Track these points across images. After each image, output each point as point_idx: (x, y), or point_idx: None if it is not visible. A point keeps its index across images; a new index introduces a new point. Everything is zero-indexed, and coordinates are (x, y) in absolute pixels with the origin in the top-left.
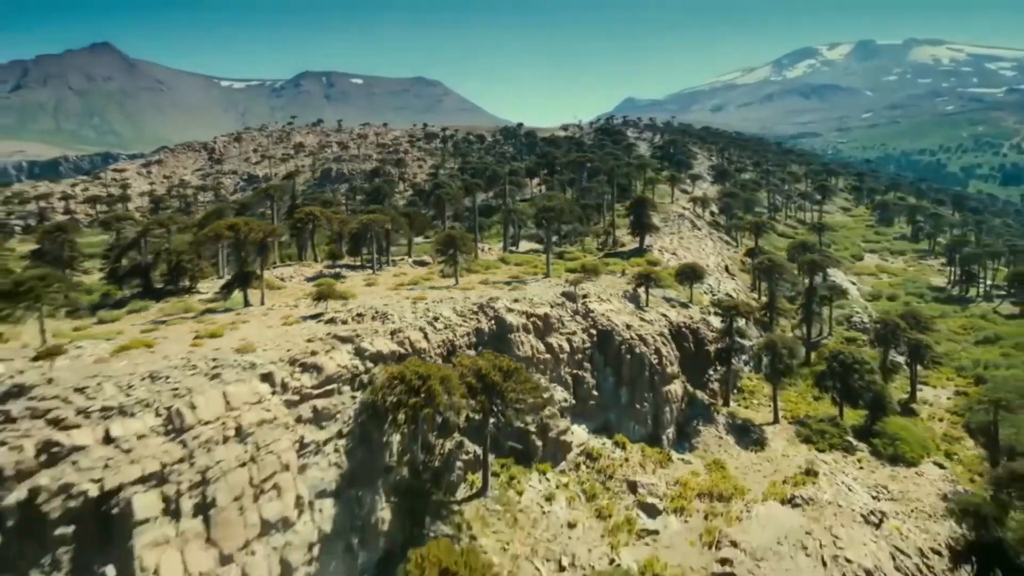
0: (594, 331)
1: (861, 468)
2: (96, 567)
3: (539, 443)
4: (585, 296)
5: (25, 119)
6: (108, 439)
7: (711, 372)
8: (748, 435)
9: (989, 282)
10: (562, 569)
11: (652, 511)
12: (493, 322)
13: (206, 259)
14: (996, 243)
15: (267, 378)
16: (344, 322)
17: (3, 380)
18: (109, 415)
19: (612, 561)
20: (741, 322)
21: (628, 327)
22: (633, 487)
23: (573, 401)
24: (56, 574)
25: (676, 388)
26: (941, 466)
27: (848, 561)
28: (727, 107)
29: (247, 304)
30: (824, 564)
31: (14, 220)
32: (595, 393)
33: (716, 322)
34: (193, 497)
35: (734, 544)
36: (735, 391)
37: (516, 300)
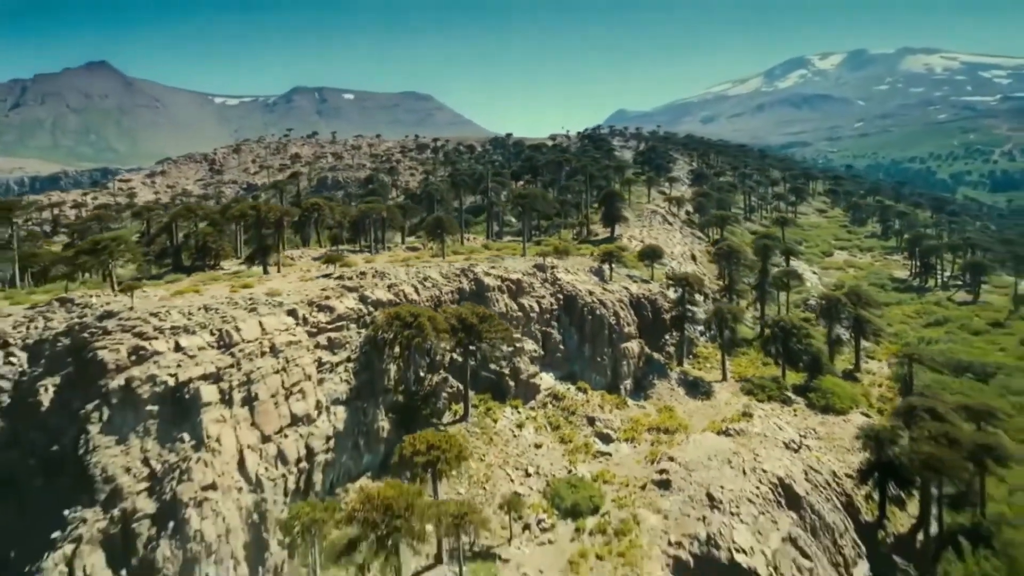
0: (561, 296)
1: (795, 415)
2: (175, 434)
3: (512, 384)
4: (554, 267)
5: (24, 136)
6: (178, 348)
7: (667, 337)
8: (697, 388)
9: (947, 273)
10: (528, 475)
11: (607, 439)
12: (473, 283)
13: (227, 241)
14: (954, 238)
15: (292, 313)
16: (350, 279)
17: (98, 307)
18: (177, 332)
19: (570, 471)
20: (699, 299)
21: (591, 293)
22: (592, 421)
23: (542, 353)
24: (148, 438)
25: (633, 346)
26: (867, 415)
27: (764, 471)
28: (718, 118)
29: (266, 273)
30: (744, 473)
31: (30, 226)
32: (561, 347)
33: (673, 295)
34: (241, 392)
35: (671, 459)
36: (691, 357)
37: (493, 267)
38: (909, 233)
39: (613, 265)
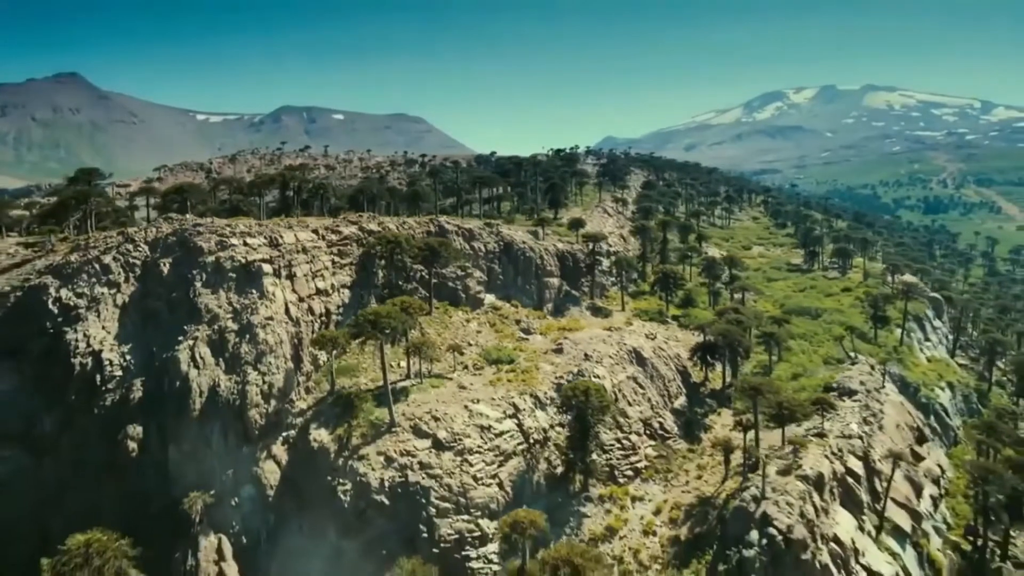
0: (502, 243)
1: (667, 329)
2: (247, 289)
3: (463, 296)
4: (499, 225)
5: None
6: (245, 243)
7: (583, 281)
8: (601, 312)
9: (827, 259)
10: (470, 345)
11: (528, 332)
12: (438, 228)
13: (253, 206)
14: (834, 233)
15: (315, 232)
16: (352, 218)
17: (189, 221)
18: (244, 235)
19: (498, 345)
20: (608, 254)
21: (524, 243)
22: (518, 322)
23: (487, 279)
24: (230, 291)
25: (554, 281)
26: None
27: (625, 344)
28: (699, 146)
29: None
30: (612, 346)
31: None
32: (501, 277)
33: (586, 250)
34: (284, 271)
35: (567, 338)
36: (602, 297)
37: (452, 219)
38: (801, 228)
39: (547, 231)
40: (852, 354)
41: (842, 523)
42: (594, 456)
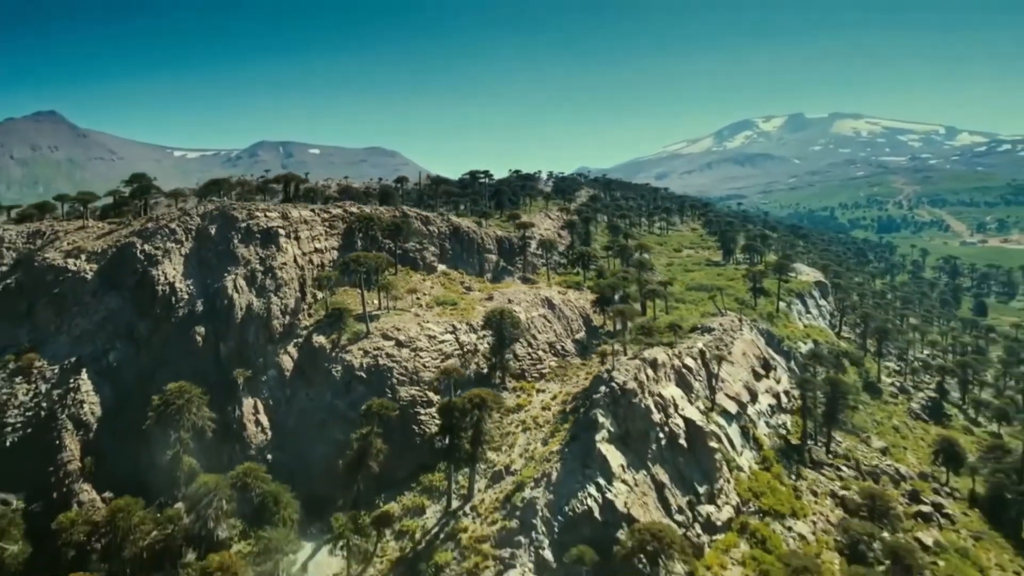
0: (451, 227)
1: (580, 293)
2: (268, 245)
3: (421, 264)
4: (449, 215)
5: None
6: (266, 216)
7: (517, 259)
8: (530, 281)
9: (740, 255)
10: (425, 295)
11: (469, 289)
12: (402, 214)
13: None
14: (750, 234)
15: (312, 211)
16: (337, 202)
17: (227, 203)
18: (265, 211)
19: (446, 294)
20: (536, 239)
21: (469, 227)
22: (463, 283)
23: (439, 253)
24: (257, 246)
25: (493, 257)
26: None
27: (539, 294)
28: (670, 175)
29: None
30: (530, 296)
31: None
32: (450, 252)
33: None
34: (292, 236)
35: (497, 292)
36: (534, 273)
37: (413, 209)
38: (720, 230)
39: (489, 223)
40: (723, 310)
41: (669, 390)
42: (510, 362)
